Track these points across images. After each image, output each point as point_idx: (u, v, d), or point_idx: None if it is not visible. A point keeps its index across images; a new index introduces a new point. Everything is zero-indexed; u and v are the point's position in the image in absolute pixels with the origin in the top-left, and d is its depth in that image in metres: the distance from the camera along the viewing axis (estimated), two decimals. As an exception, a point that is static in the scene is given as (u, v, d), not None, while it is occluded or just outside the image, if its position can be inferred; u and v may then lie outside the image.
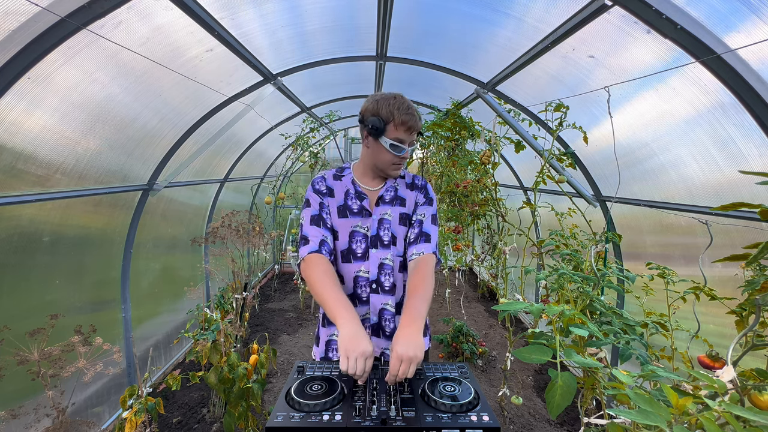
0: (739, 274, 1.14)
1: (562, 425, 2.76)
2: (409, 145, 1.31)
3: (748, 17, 1.31)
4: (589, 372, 1.22)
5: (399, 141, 1.28)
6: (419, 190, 1.43)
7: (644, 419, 0.64)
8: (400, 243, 1.39)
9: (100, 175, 2.23)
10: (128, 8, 1.58)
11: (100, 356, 1.67)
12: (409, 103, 1.30)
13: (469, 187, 2.72)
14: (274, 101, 3.63)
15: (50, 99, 1.69)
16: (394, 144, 1.28)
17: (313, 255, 1.27)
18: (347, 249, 1.36)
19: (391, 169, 1.34)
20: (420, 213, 1.40)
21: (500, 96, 2.95)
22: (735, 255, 0.93)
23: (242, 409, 2.08)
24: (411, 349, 0.99)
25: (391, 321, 1.37)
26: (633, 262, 2.60)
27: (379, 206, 1.38)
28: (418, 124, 1.30)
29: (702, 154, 1.83)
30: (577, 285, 1.42)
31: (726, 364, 0.87)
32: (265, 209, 6.06)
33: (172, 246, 3.42)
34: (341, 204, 1.38)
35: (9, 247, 1.80)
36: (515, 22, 2.13)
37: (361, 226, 1.37)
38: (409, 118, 1.27)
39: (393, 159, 1.31)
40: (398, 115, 1.26)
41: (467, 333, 3.60)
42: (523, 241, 2.29)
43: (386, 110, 1.26)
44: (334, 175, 1.42)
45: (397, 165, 1.33)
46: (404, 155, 1.31)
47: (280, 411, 0.90)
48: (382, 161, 1.33)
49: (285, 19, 2.34)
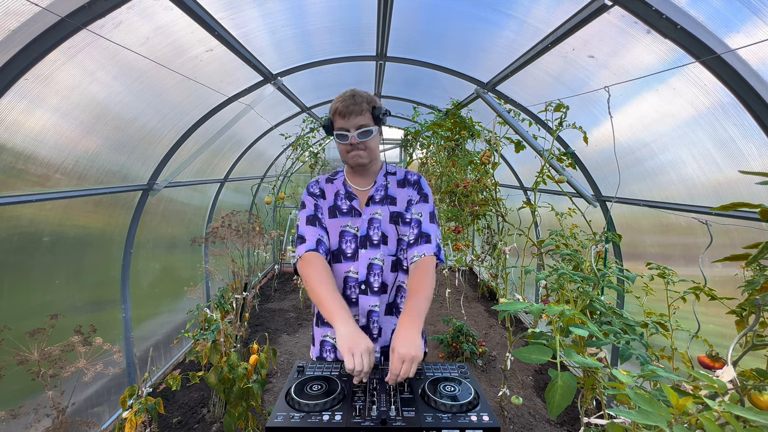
0: (739, 274, 1.14)
1: (562, 425, 2.76)
2: (356, 129, 1.28)
3: (749, 18, 1.31)
4: (589, 372, 1.22)
5: (340, 129, 1.29)
6: (412, 186, 1.42)
7: (644, 419, 0.64)
8: (392, 242, 1.37)
9: (100, 175, 2.23)
10: (128, 8, 1.58)
11: (100, 356, 1.67)
12: (347, 91, 1.30)
13: (469, 187, 2.72)
14: (274, 101, 3.63)
15: (50, 99, 1.69)
16: (338, 133, 1.30)
17: (311, 253, 1.28)
18: (337, 249, 1.37)
19: (348, 158, 1.34)
20: (416, 212, 1.38)
21: (500, 96, 2.95)
22: (735, 255, 0.93)
23: (242, 409, 2.07)
24: (412, 349, 1.00)
25: (377, 322, 1.36)
26: (633, 262, 2.60)
27: (370, 206, 1.38)
28: (353, 108, 1.26)
29: (702, 154, 1.83)
30: (577, 285, 1.42)
31: (726, 364, 0.87)
32: (265, 209, 6.06)
33: (172, 246, 3.42)
34: (331, 204, 1.39)
35: (9, 247, 1.80)
36: (515, 22, 2.13)
37: (351, 225, 1.37)
38: (339, 104, 1.28)
39: (343, 148, 1.32)
40: (333, 105, 1.30)
41: (467, 333, 3.60)
42: (523, 241, 2.29)
43: (331, 107, 1.32)
44: (327, 178, 1.45)
45: (350, 153, 1.32)
46: (351, 141, 1.28)
47: (280, 411, 0.90)
48: (341, 154, 1.35)
49: (284, 19, 2.34)
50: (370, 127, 1.29)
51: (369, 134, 1.29)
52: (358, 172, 1.40)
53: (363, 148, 1.31)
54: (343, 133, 1.29)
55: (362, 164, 1.34)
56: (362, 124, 1.28)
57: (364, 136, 1.29)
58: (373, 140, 1.33)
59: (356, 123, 1.28)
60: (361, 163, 1.33)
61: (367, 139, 1.30)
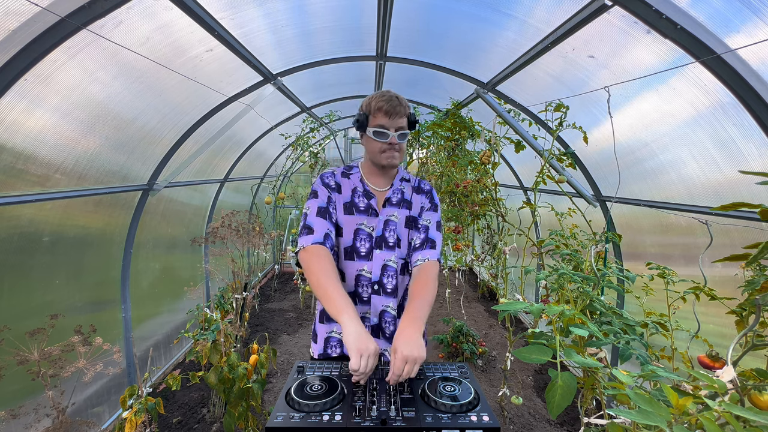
0: (739, 274, 1.14)
1: (562, 425, 2.76)
2: (396, 131, 1.31)
3: (749, 18, 1.31)
4: (589, 372, 1.22)
5: (381, 127, 1.30)
6: (425, 195, 1.46)
7: (644, 419, 0.64)
8: (404, 246, 1.40)
9: (100, 175, 2.23)
10: (128, 8, 1.58)
11: (100, 356, 1.67)
12: (388, 92, 1.33)
13: (469, 187, 2.72)
14: (274, 101, 3.63)
15: (50, 99, 1.69)
16: (377, 131, 1.30)
17: (318, 246, 1.24)
18: (351, 246, 1.36)
19: (381, 158, 1.34)
20: (426, 219, 1.41)
21: (500, 96, 2.95)
22: (735, 255, 0.93)
23: (242, 409, 2.08)
24: (415, 350, 1.00)
25: (391, 323, 1.37)
26: (633, 262, 2.60)
27: (386, 207, 1.39)
28: (398, 109, 1.30)
29: (702, 154, 1.83)
30: (577, 285, 1.42)
31: (726, 364, 0.87)
32: (265, 209, 6.06)
33: (172, 246, 3.42)
34: (348, 201, 1.38)
35: (9, 247, 1.80)
36: (515, 21, 2.13)
37: (367, 224, 1.37)
38: (384, 103, 1.29)
39: (380, 146, 1.32)
40: (375, 102, 1.31)
41: (467, 333, 3.60)
42: (523, 241, 2.29)
43: (367, 103, 1.34)
44: (342, 172, 1.44)
45: (385, 153, 1.33)
46: (391, 141, 1.31)
47: (280, 411, 0.90)
48: (372, 152, 1.35)
49: (284, 20, 2.34)
50: (407, 131, 1.34)
51: (405, 137, 1.34)
52: (380, 171, 1.40)
53: (398, 149, 1.34)
54: (384, 131, 1.30)
55: (394, 165, 1.37)
56: (402, 126, 1.32)
57: (402, 139, 1.33)
58: (405, 143, 1.38)
59: (398, 124, 1.31)
60: (393, 164, 1.36)
61: (403, 141, 1.34)
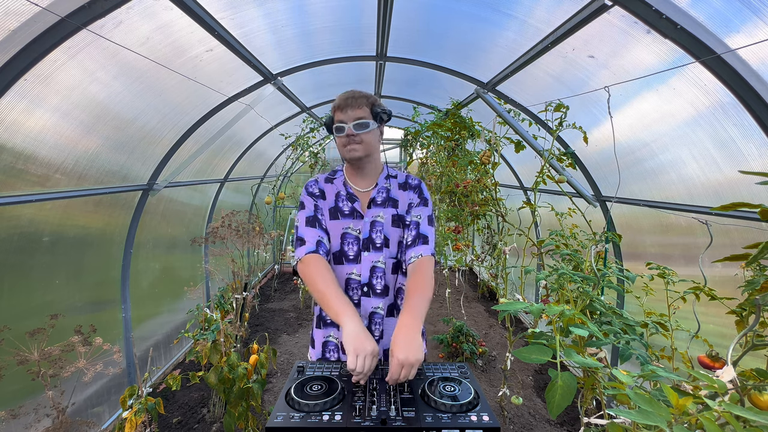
0: (739, 274, 1.14)
1: (562, 425, 2.76)
2: (353, 122, 1.28)
3: (749, 18, 1.31)
4: (589, 372, 1.22)
5: (338, 122, 1.31)
6: (413, 190, 1.42)
7: (644, 419, 0.64)
8: (394, 245, 1.38)
9: (100, 175, 2.23)
10: (128, 8, 1.58)
11: (100, 356, 1.67)
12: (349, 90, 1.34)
13: (469, 187, 2.72)
14: (274, 101, 3.63)
15: (50, 99, 1.69)
16: (336, 126, 1.31)
17: (311, 255, 1.27)
18: (339, 251, 1.37)
19: (344, 152, 1.34)
20: (416, 214, 1.39)
21: (500, 96, 2.95)
22: (735, 255, 0.93)
23: (242, 409, 2.08)
24: (412, 353, 0.99)
25: (380, 324, 1.37)
26: (633, 262, 2.60)
27: (371, 208, 1.38)
28: (350, 101, 1.29)
29: (702, 154, 1.83)
30: (577, 285, 1.42)
31: (726, 364, 0.87)
32: (265, 209, 6.06)
33: (172, 246, 3.42)
34: (332, 206, 1.39)
35: (9, 247, 1.80)
36: (515, 21, 2.13)
37: (353, 228, 1.37)
38: (339, 101, 1.31)
39: (340, 142, 1.33)
40: (335, 103, 1.33)
41: (467, 333, 3.60)
42: (523, 241, 2.29)
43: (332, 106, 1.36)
44: (326, 178, 1.44)
45: (346, 147, 1.32)
46: (348, 133, 1.29)
47: (280, 411, 0.90)
48: (339, 150, 1.36)
49: (284, 20, 2.34)
50: (367, 120, 1.30)
51: (365, 127, 1.29)
52: (357, 170, 1.39)
53: (359, 141, 1.30)
54: (341, 125, 1.30)
55: (357, 158, 1.33)
56: (359, 116, 1.29)
57: (360, 128, 1.28)
58: (370, 135, 1.32)
59: (353, 115, 1.29)
60: (355, 156, 1.32)
61: (363, 131, 1.29)
